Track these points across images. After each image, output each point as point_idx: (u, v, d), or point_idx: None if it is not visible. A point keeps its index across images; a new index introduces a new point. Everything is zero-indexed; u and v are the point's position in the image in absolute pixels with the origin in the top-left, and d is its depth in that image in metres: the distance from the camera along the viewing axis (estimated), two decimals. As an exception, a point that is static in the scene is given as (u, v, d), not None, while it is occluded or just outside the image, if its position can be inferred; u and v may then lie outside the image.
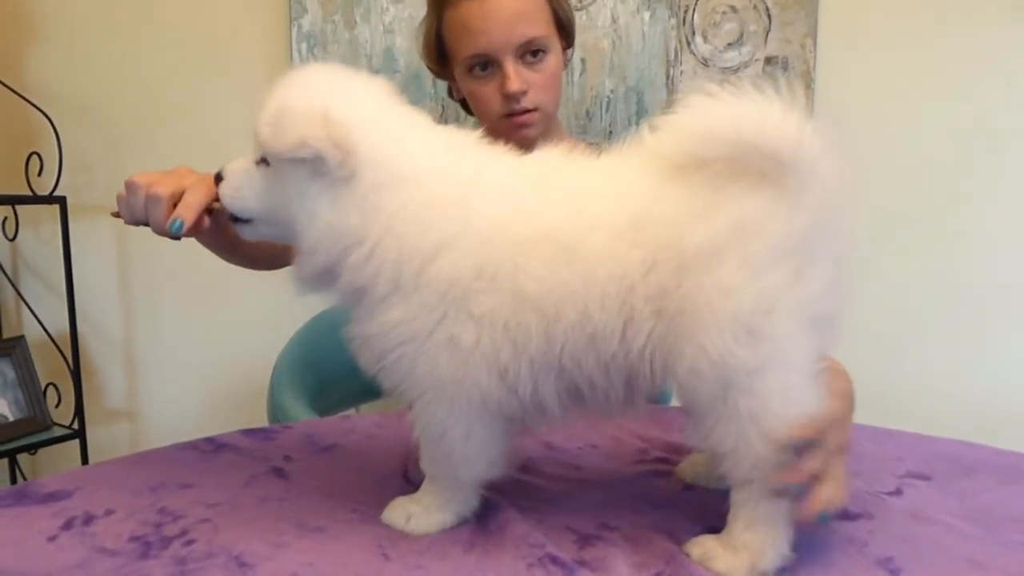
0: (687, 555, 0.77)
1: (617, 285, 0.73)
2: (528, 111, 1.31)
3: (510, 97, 1.29)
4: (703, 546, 0.77)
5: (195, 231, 0.89)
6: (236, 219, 0.85)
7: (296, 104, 0.77)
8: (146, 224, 0.89)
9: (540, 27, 1.29)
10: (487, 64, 1.30)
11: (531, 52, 1.30)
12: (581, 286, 0.74)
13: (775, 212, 0.71)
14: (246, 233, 0.86)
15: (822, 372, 0.75)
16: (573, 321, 0.75)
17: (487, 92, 1.31)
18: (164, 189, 0.87)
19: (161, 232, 0.87)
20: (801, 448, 0.72)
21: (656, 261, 0.73)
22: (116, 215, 0.92)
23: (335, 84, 0.81)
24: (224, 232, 0.89)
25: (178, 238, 0.87)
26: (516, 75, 1.28)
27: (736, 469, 0.75)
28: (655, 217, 0.74)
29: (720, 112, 0.71)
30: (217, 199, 0.86)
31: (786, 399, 0.72)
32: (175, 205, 0.87)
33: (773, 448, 0.72)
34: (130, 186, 0.89)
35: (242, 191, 0.83)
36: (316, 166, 0.75)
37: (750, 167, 0.71)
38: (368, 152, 0.76)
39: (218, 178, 0.85)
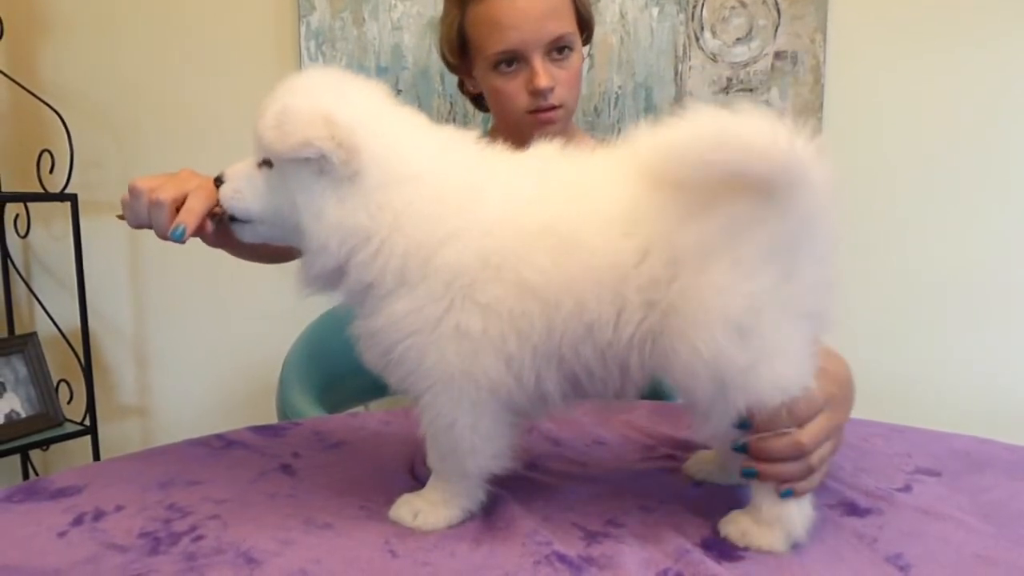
0: (725, 535, 0.80)
1: (611, 274, 0.75)
2: (554, 107, 1.32)
3: (537, 93, 1.30)
4: (738, 523, 0.80)
5: (198, 235, 0.89)
6: (234, 220, 0.86)
7: (298, 106, 0.78)
8: (151, 227, 0.89)
9: (567, 24, 1.31)
10: (514, 60, 1.30)
11: (557, 49, 1.31)
12: (580, 276, 0.76)
13: (765, 214, 0.72)
14: (244, 235, 0.87)
15: (816, 355, 0.77)
16: (571, 310, 0.76)
17: (512, 88, 1.32)
18: (166, 194, 0.87)
19: (164, 237, 0.88)
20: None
21: (648, 252, 0.75)
22: (121, 218, 0.92)
23: (336, 87, 0.82)
24: (229, 234, 0.89)
25: (181, 242, 0.88)
26: (545, 71, 1.29)
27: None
28: (648, 208, 0.76)
29: (712, 127, 0.70)
30: (219, 202, 0.86)
31: (781, 390, 0.75)
32: (178, 209, 0.87)
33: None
34: (133, 191, 0.89)
35: (242, 193, 0.83)
36: (321, 165, 0.77)
37: (737, 180, 0.71)
38: (372, 151, 0.78)
39: (218, 181, 0.86)
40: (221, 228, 0.89)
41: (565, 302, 0.76)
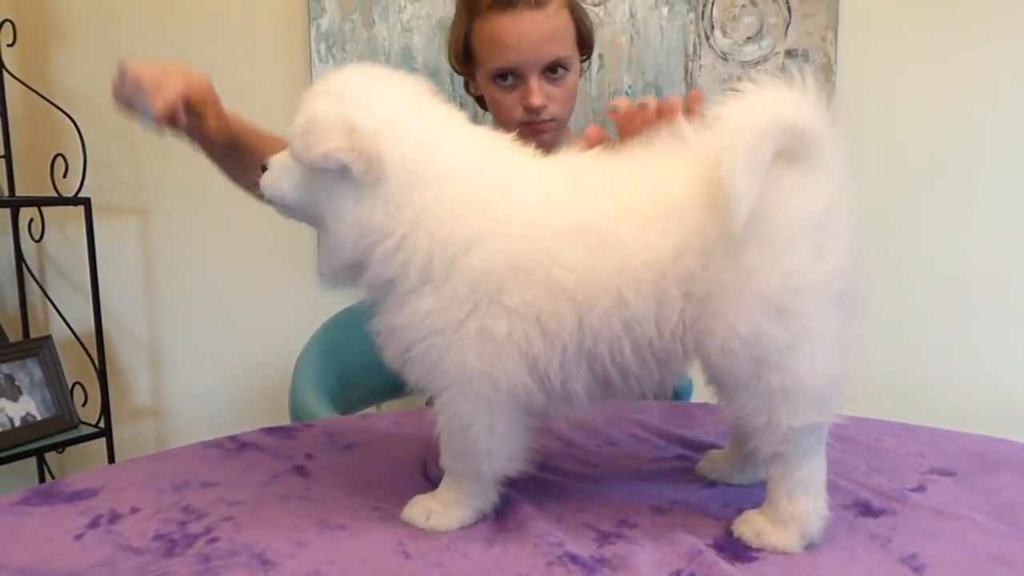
0: (738, 535, 0.80)
1: (651, 271, 0.76)
2: (545, 121, 1.37)
3: (531, 110, 1.35)
4: (752, 523, 0.80)
5: (172, 126, 0.97)
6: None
7: (324, 114, 0.78)
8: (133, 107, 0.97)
9: (566, 47, 1.36)
10: (511, 76, 1.35)
11: (553, 69, 1.35)
12: (616, 274, 0.77)
13: (793, 192, 0.74)
14: (285, 215, 0.89)
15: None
16: (607, 308, 0.77)
17: (509, 100, 1.38)
18: (148, 78, 0.94)
19: (139, 115, 0.95)
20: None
21: (684, 246, 0.76)
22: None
23: (364, 89, 0.82)
24: (201, 133, 0.97)
25: (158, 127, 0.95)
26: (539, 91, 1.34)
27: (768, 443, 0.78)
28: (681, 204, 0.77)
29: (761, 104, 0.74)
30: (200, 98, 0.94)
31: (816, 373, 0.75)
32: None
33: None
34: (121, 73, 0.97)
35: (279, 182, 0.85)
36: (343, 172, 0.77)
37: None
38: (395, 156, 0.78)
39: (263, 168, 0.87)
40: (197, 122, 0.97)
41: (601, 300, 0.77)
